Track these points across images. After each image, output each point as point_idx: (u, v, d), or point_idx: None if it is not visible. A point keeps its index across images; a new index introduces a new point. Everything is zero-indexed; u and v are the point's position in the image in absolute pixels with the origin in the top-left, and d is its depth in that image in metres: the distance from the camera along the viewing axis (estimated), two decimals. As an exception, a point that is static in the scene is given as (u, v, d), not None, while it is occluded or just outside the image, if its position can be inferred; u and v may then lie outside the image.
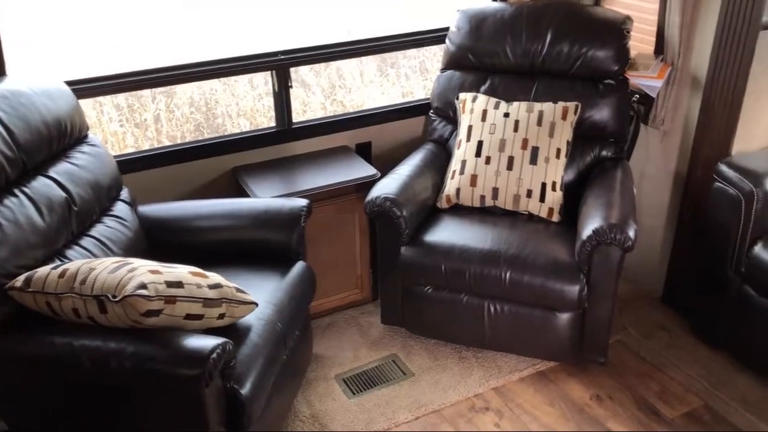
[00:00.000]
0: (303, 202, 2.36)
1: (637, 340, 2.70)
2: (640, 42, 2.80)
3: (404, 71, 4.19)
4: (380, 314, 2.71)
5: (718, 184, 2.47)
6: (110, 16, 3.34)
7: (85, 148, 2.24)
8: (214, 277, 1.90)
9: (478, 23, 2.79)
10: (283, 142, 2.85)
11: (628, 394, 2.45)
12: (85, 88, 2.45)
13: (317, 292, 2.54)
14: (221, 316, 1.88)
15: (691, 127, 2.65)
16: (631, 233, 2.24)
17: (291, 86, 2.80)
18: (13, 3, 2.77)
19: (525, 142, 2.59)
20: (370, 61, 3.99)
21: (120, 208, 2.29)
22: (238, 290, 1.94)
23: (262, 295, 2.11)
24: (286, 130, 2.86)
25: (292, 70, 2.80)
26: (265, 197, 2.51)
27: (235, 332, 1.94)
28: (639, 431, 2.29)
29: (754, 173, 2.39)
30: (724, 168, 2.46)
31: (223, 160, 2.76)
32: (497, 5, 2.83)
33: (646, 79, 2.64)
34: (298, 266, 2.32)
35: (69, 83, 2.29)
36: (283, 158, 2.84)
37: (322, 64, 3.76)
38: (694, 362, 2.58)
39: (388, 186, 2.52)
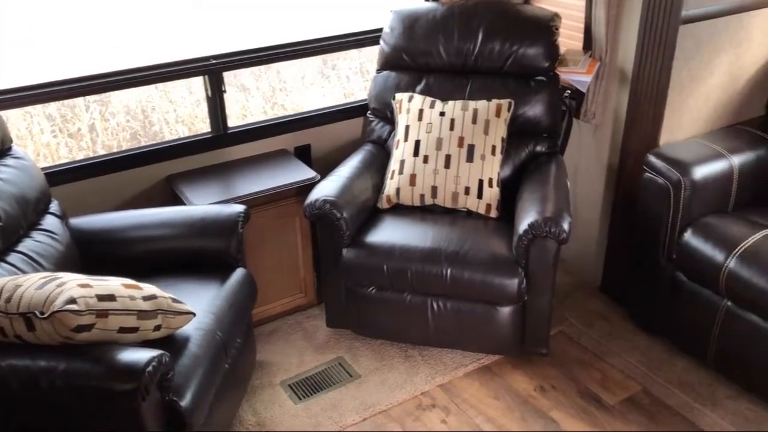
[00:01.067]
0: (240, 208, 2.34)
1: (578, 330, 2.77)
2: (570, 38, 2.86)
3: (345, 73, 4.18)
4: (325, 317, 2.70)
5: (648, 174, 2.55)
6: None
7: (8, 161, 2.16)
8: (149, 288, 1.86)
9: (410, 23, 2.80)
10: (220, 147, 2.82)
11: (570, 383, 2.50)
12: (6, 99, 2.37)
13: (260, 299, 2.52)
14: (157, 327, 1.85)
15: (620, 120, 2.73)
16: (566, 226, 2.29)
17: (225, 91, 2.76)
18: (12, 2, 2.66)
19: (461, 140, 2.61)
20: (310, 64, 3.97)
21: (49, 222, 2.22)
22: (174, 300, 1.91)
23: (200, 304, 2.08)
24: (221, 135, 2.82)
25: (233, 73, 2.77)
26: (202, 204, 2.47)
27: (172, 344, 1.90)
28: (581, 419, 2.34)
29: (681, 163, 2.47)
30: (652, 159, 2.54)
31: (158, 168, 2.71)
32: (429, 5, 2.86)
33: (576, 75, 2.70)
34: (238, 273, 2.29)
35: (-10, 94, 2.21)
36: (220, 164, 2.81)
37: (263, 67, 3.72)
38: (633, 349, 2.65)
39: (327, 188, 2.51)
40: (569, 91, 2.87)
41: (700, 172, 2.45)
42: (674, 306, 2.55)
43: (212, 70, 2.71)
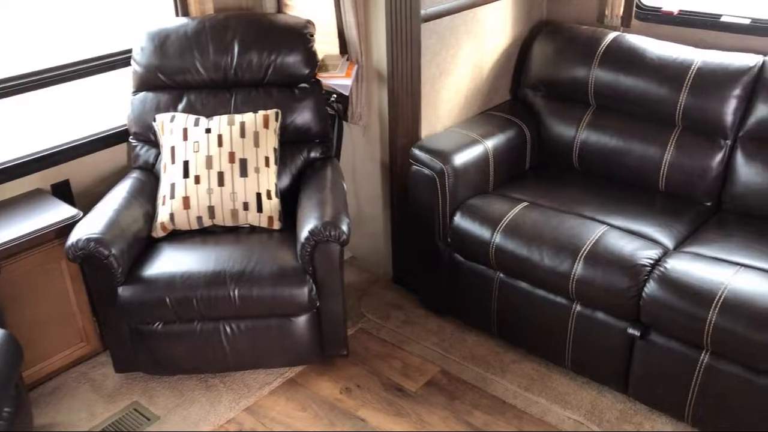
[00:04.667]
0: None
1: (377, 324, 2.84)
2: (328, 44, 2.91)
3: (99, 97, 3.87)
4: (113, 363, 2.49)
5: (415, 167, 2.68)
6: None
7: None
8: None
9: (161, 41, 2.68)
10: (-42, 197, 2.48)
11: (373, 378, 2.56)
12: None
13: (34, 355, 2.28)
14: None
15: (385, 119, 2.83)
16: (344, 227, 2.32)
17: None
18: None
19: (232, 155, 2.55)
20: (60, 91, 3.63)
21: None
22: None
23: (-53, 380, 1.81)
24: (-42, 184, 2.49)
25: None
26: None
27: None
28: (387, 411, 2.40)
29: (442, 152, 2.63)
30: (416, 152, 2.67)
31: None
32: (180, 21, 2.75)
33: (336, 79, 2.76)
34: (-6, 336, 2.03)
35: None
36: (-39, 216, 2.47)
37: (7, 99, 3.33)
38: (427, 333, 2.78)
39: (90, 225, 2.32)
40: (335, 96, 2.92)
41: (460, 158, 2.63)
42: (457, 286, 2.71)
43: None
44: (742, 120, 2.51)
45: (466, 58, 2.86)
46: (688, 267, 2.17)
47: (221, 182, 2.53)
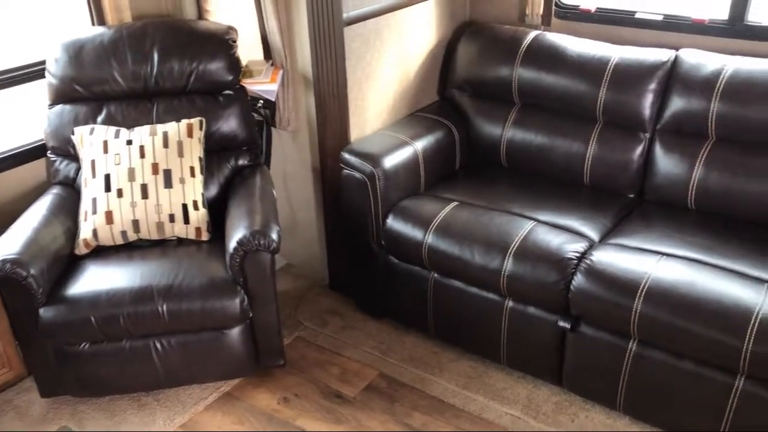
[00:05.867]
0: None
1: (314, 331, 2.81)
2: (252, 50, 2.87)
3: (13, 112, 3.70)
4: (38, 389, 2.39)
5: (346, 171, 2.66)
6: None
7: None
8: None
9: (76, 51, 2.59)
10: None
11: (311, 386, 2.53)
12: None
13: (-52, 388, 2.15)
14: None
15: (313, 124, 2.81)
16: (274, 236, 2.29)
17: None
18: None
19: (155, 166, 2.48)
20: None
21: None
22: None
23: None
24: None
25: None
26: None
27: None
28: (326, 419, 2.38)
29: (371, 155, 2.62)
30: (346, 156, 2.66)
31: None
32: (96, 30, 2.66)
33: (261, 85, 2.72)
34: None
35: None
36: None
37: None
38: (365, 337, 2.77)
39: (6, 246, 2.21)
40: (262, 101, 2.88)
41: (390, 161, 2.63)
42: (393, 288, 2.71)
43: None
44: (659, 113, 2.59)
45: (392, 60, 2.86)
46: (612, 258, 2.22)
47: (145, 195, 2.46)
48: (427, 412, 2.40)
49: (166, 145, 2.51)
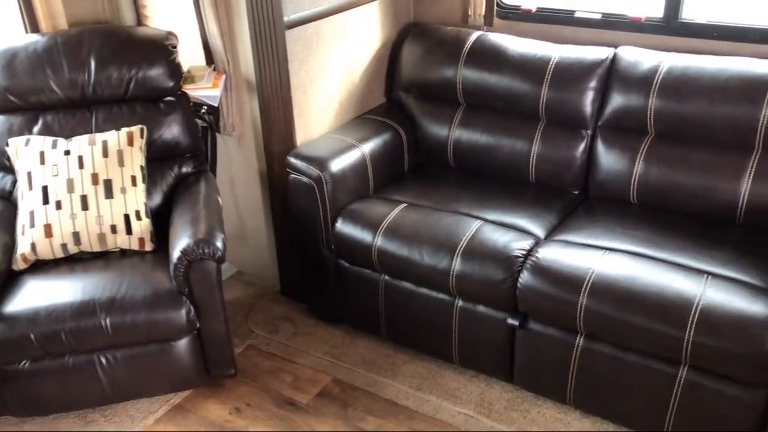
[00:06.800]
0: None
1: (266, 339, 2.78)
2: (193, 55, 2.82)
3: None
4: (-23, 410, 2.31)
5: (292, 175, 2.64)
6: None
7: None
8: None
9: (8, 60, 2.50)
10: None
11: (263, 395, 2.50)
12: None
13: None
14: None
15: (258, 128, 2.78)
16: (219, 244, 2.25)
17: None
18: None
19: (95, 176, 2.42)
20: None
21: None
22: None
23: None
24: None
25: None
26: None
27: None
28: (279, 428, 2.35)
29: (318, 159, 2.60)
30: (292, 160, 2.63)
31: None
32: (29, 38, 2.58)
33: (204, 90, 2.67)
34: None
35: None
36: None
37: None
38: (317, 342, 2.75)
39: (-63, 264, 2.13)
40: (205, 107, 2.84)
41: (337, 164, 2.61)
42: (344, 292, 2.70)
43: None
44: (599, 110, 2.63)
45: (337, 63, 2.85)
46: (558, 255, 2.25)
47: (85, 206, 2.39)
48: (381, 415, 2.39)
49: (105, 154, 2.45)
